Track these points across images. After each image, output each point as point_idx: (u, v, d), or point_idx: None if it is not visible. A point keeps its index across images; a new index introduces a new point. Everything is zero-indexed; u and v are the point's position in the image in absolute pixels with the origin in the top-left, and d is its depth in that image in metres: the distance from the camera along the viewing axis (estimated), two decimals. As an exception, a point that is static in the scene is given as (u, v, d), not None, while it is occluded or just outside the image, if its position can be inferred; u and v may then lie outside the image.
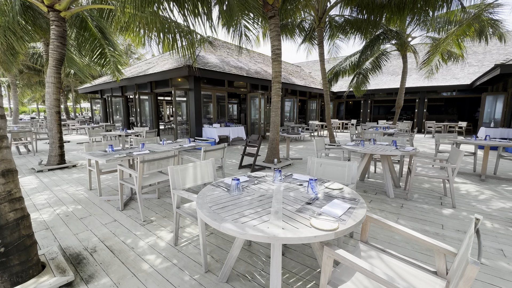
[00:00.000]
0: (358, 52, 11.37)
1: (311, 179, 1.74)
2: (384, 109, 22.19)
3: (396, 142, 4.25)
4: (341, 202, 1.52)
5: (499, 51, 14.27)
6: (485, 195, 3.86)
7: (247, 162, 6.15)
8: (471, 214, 3.14)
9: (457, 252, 1.25)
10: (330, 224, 1.24)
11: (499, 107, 11.09)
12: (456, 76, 13.80)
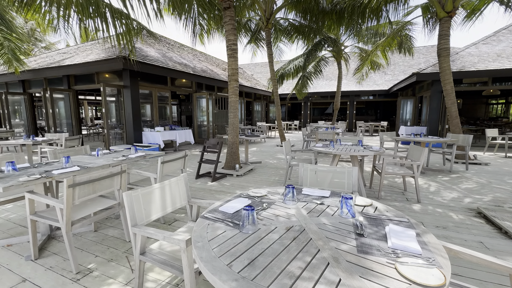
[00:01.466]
0: (300, 56, 11.88)
1: (345, 197, 1.33)
2: (319, 110, 24.28)
3: (362, 141, 4.34)
4: (400, 228, 1.15)
5: (404, 63, 17.36)
6: (433, 187, 4.29)
7: (204, 170, 5.41)
8: (436, 208, 3.34)
9: (546, 277, 1.02)
10: (430, 274, 0.83)
11: (410, 109, 13.37)
12: (376, 82, 16.08)
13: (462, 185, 4.36)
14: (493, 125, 12.99)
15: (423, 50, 17.83)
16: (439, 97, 9.16)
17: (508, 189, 4.14)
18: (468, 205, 3.44)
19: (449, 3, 6.33)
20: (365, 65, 11.04)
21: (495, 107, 20.31)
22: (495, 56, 8.81)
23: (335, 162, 4.03)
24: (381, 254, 0.97)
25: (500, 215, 2.92)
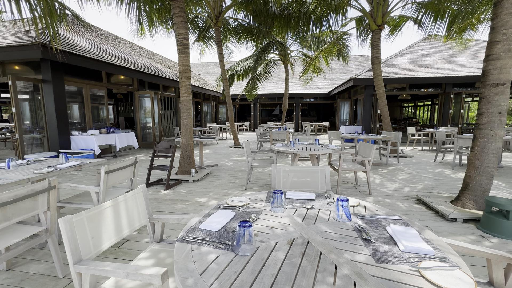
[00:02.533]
0: (250, 57, 11.96)
1: (341, 199, 1.24)
2: (267, 112, 25.05)
3: (318, 140, 4.52)
4: (401, 228, 1.12)
5: (340, 70, 19.36)
6: (378, 179, 4.77)
7: (155, 178, 4.81)
8: (385, 198, 3.69)
9: (518, 258, 1.13)
10: (457, 278, 0.79)
11: (347, 110, 14.94)
12: (318, 86, 17.47)
13: (399, 176, 4.98)
14: (408, 124, 15.61)
15: (354, 59, 20.23)
16: (371, 100, 10.46)
17: (432, 177, 4.92)
18: (408, 194, 3.91)
19: (379, 17, 7.24)
20: (309, 69, 11.82)
21: (407, 109, 24.58)
22: (410, 67, 10.56)
23: (295, 161, 4.07)
24: (399, 261, 0.89)
25: (434, 200, 3.40)
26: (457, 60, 10.73)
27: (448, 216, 2.95)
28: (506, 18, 2.90)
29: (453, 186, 4.29)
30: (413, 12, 7.63)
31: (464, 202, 3.17)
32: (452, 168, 5.71)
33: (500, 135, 3.04)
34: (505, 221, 2.52)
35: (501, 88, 2.97)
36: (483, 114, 3.11)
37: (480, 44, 12.02)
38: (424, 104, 21.37)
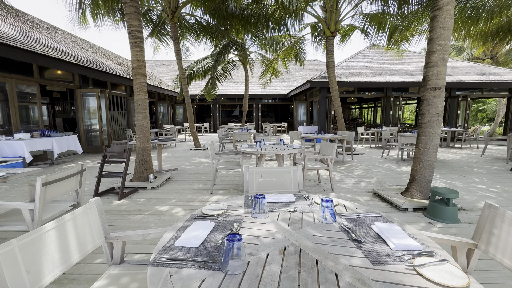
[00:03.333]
0: (209, 57, 11.63)
1: (326, 200, 1.21)
2: (226, 113, 24.80)
3: (283, 140, 4.57)
4: (385, 225, 1.13)
5: (296, 73, 20.27)
6: (337, 176, 5.06)
7: (105, 186, 4.24)
8: (347, 194, 3.92)
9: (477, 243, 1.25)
10: (450, 273, 0.80)
11: (304, 111, 15.69)
12: (276, 88, 17.98)
13: (355, 172, 5.37)
14: (356, 124, 17.17)
15: (309, 63, 21.42)
16: (326, 101, 11.17)
17: (382, 171, 5.43)
18: (365, 188, 4.23)
19: (332, 25, 7.75)
20: (269, 71, 12.05)
21: (354, 111, 27.09)
22: (358, 72, 11.61)
23: (261, 162, 4.04)
24: (394, 260, 0.88)
25: (388, 193, 3.73)
26: (395, 68, 12.20)
27: (401, 207, 3.25)
28: (441, 31, 3.34)
29: (400, 179, 4.79)
30: (361, 23, 8.38)
31: (412, 193, 3.54)
32: (396, 162, 6.41)
33: (438, 133, 3.48)
34: (446, 208, 2.88)
35: (438, 92, 3.41)
36: (425, 114, 3.53)
37: (411, 54, 13.89)
38: (368, 106, 23.83)
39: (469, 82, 10.64)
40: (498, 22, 7.03)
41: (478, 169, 5.62)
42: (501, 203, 3.51)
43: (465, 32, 7.30)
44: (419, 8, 6.57)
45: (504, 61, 16.88)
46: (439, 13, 3.32)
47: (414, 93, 11.96)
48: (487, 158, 7.01)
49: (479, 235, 1.27)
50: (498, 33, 8.14)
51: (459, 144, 10.15)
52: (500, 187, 4.28)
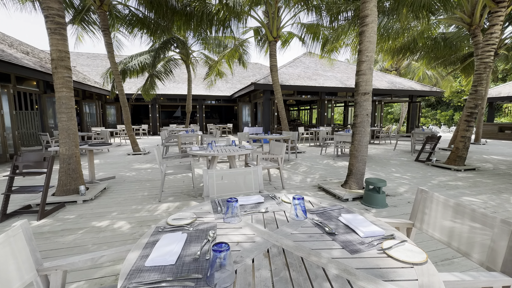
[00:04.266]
0: (146, 53, 10.68)
1: (297, 198, 1.25)
2: (166, 114, 23.26)
3: (235, 142, 4.54)
4: (350, 216, 1.24)
5: (239, 75, 20.55)
6: (285, 174, 5.34)
7: (17, 205, 3.39)
8: (296, 190, 4.17)
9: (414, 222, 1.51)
10: (410, 251, 0.94)
11: (248, 112, 16.03)
12: (220, 89, 17.83)
13: (300, 169, 5.77)
14: (296, 124, 18.52)
15: (251, 66, 22.00)
16: (269, 103, 11.67)
17: (323, 167, 6.00)
18: (311, 183, 4.59)
19: (274, 30, 8.16)
20: (213, 72, 11.85)
21: (293, 112, 29.22)
22: (296, 76, 12.55)
23: (214, 164, 3.93)
24: (366, 247, 0.97)
25: (331, 186, 4.14)
26: (327, 74, 13.69)
27: (343, 198, 3.66)
28: (368, 45, 3.90)
29: (338, 173, 5.38)
30: (299, 31, 9.08)
31: (350, 185, 4.03)
32: (333, 158, 7.19)
33: (368, 131, 4.06)
34: (378, 195, 3.38)
35: (367, 96, 3.97)
36: (358, 115, 4.06)
37: (339, 63, 15.83)
38: (305, 108, 26.03)
39: (383, 89, 12.79)
40: (401, 41, 8.65)
41: (393, 161, 6.81)
42: (412, 187, 4.33)
43: (379, 48, 8.73)
44: (346, 23, 7.53)
45: (405, 72, 20.97)
46: (366, 29, 3.88)
47: (342, 97, 13.66)
48: (398, 152, 8.56)
49: (415, 216, 1.52)
50: (401, 50, 10.05)
51: (377, 141, 12.08)
52: (410, 174, 5.28)
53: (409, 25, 7.32)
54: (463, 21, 7.18)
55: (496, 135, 13.85)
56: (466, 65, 10.98)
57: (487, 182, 4.65)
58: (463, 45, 9.68)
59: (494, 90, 15.16)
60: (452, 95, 23.75)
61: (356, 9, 6.69)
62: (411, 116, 14.75)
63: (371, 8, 3.83)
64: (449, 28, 10.53)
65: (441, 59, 10.91)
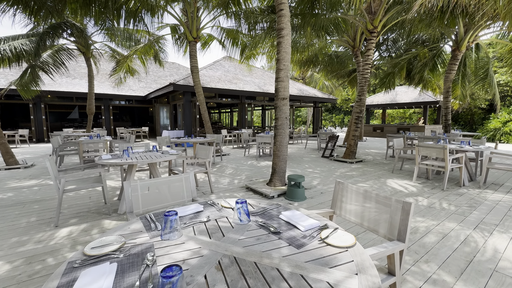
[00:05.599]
0: (25, 36, 8.27)
1: (240, 202, 1.24)
2: (57, 115, 18.79)
3: (156, 147, 4.08)
4: (289, 213, 1.32)
5: (155, 74, 18.85)
6: (213, 178, 5.25)
7: None
8: (225, 193, 4.16)
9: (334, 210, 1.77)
10: (343, 236, 1.08)
11: (166, 115, 14.92)
12: (132, 88, 15.83)
13: (227, 172, 5.80)
14: (217, 127, 18.56)
15: (168, 65, 20.57)
16: (190, 105, 11.22)
17: (248, 168, 6.24)
18: (238, 185, 4.68)
19: (194, 31, 7.92)
20: (123, 68, 10.39)
21: (214, 115, 29.20)
22: (217, 79, 12.59)
23: (132, 173, 3.44)
24: (308, 239, 1.06)
25: (258, 186, 4.35)
26: (246, 79, 14.37)
27: (269, 195, 3.90)
28: (284, 55, 4.32)
29: (262, 173, 5.72)
30: (219, 35, 9.14)
31: (274, 183, 4.35)
32: (256, 159, 7.59)
33: (287, 133, 4.49)
34: (298, 190, 3.79)
35: (285, 101, 4.40)
36: (278, 118, 4.43)
37: (257, 69, 16.90)
38: (225, 111, 26.45)
39: (294, 95, 14.47)
40: (307, 54, 10.04)
41: (306, 158, 7.80)
42: (323, 179, 5.08)
43: (290, 59, 9.86)
44: (263, 33, 8.13)
45: (309, 82, 24.49)
46: (282, 40, 4.29)
47: (260, 101, 14.63)
48: (309, 150, 9.88)
49: (335, 204, 1.78)
50: (307, 62, 11.68)
51: (291, 141, 13.56)
52: (320, 169, 6.18)
53: (312, 41, 8.57)
54: (348, 44, 9.01)
55: (372, 134, 18.06)
56: (351, 78, 13.81)
57: (370, 170, 5.98)
58: (349, 62, 12.13)
59: (369, 99, 19.72)
60: (343, 102, 29.40)
61: (271, 21, 7.30)
62: (315, 119, 17.33)
63: (286, 22, 4.27)
64: (339, 48, 12.98)
65: (334, 72, 13.31)
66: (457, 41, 8.68)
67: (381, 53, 12.26)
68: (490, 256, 2.26)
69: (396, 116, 26.06)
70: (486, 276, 1.97)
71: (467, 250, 2.35)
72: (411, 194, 4.13)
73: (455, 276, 1.96)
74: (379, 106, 19.61)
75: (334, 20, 7.11)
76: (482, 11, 4.86)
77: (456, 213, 3.29)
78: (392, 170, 5.97)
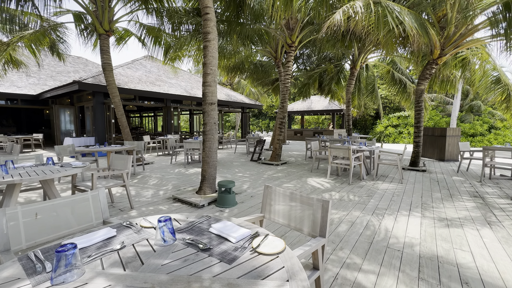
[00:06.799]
0: None
1: (164, 220, 1.09)
2: None
3: (52, 159, 3.23)
4: (220, 224, 1.25)
5: (51, 68, 15.38)
6: (132, 191, 4.62)
7: None
8: (149, 207, 3.71)
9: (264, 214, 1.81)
10: (273, 242, 1.09)
11: (70, 119, 12.40)
12: (17, 84, 12.42)
13: (150, 183, 5.22)
14: (138, 133, 16.72)
15: (71, 59, 17.20)
16: (103, 108, 9.66)
17: (175, 177, 5.81)
18: (165, 196, 4.28)
19: (106, 23, 6.89)
20: (2, 58, 7.98)
21: (134, 119, 26.23)
22: (137, 80, 11.34)
23: (14, 197, 2.63)
24: (240, 251, 1.01)
25: (186, 195, 4.08)
26: (172, 81, 13.51)
27: (199, 204, 3.71)
28: (211, 59, 4.25)
29: (191, 181, 5.43)
30: (138, 31, 8.26)
31: (205, 190, 4.18)
32: (184, 166, 7.17)
33: (216, 138, 4.41)
34: (229, 195, 3.75)
35: (214, 106, 4.32)
36: (207, 124, 4.31)
37: (183, 72, 16.15)
38: (148, 115, 24.16)
39: (222, 100, 14.51)
40: (234, 61, 10.26)
41: (236, 163, 7.90)
42: (252, 183, 5.22)
43: (217, 64, 9.87)
44: (188, 35, 7.83)
45: (236, 87, 25.14)
46: (209, 44, 4.22)
47: (187, 105, 14.02)
48: (238, 154, 10.05)
49: (264, 209, 1.82)
50: (234, 69, 11.95)
51: (221, 146, 13.51)
52: (249, 172, 6.35)
53: (238, 49, 8.82)
54: (271, 55, 9.73)
55: (293, 137, 20.00)
56: (274, 86, 14.95)
57: (294, 171, 6.56)
58: (272, 72, 13.11)
59: (290, 106, 21.80)
60: (268, 108, 31.50)
61: (197, 24, 7.11)
62: (244, 124, 17.87)
63: (212, 27, 4.21)
64: (264, 58, 13.89)
65: (260, 80, 14.12)
66: (354, 61, 10.65)
67: (298, 66, 13.79)
68: (384, 235, 2.79)
69: (312, 122, 29.79)
70: (382, 253, 2.41)
71: (368, 233, 2.84)
72: (327, 190, 4.73)
73: (362, 257, 2.32)
74: (298, 112, 21.96)
75: (258, 31, 7.52)
76: (369, 39, 6.12)
77: (359, 202, 3.95)
78: (311, 170, 6.72)
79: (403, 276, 2.03)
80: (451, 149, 8.63)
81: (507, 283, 1.95)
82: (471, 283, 1.95)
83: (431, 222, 3.20)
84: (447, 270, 2.13)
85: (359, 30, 4.78)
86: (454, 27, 5.94)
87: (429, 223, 3.16)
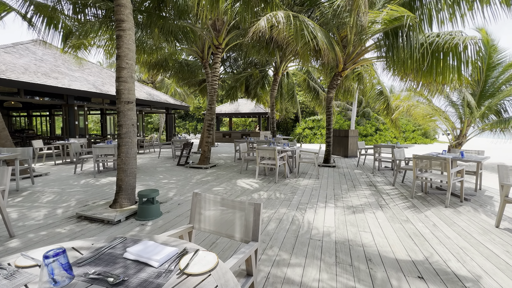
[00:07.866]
0: None
1: (54, 254, 0.81)
2: None
3: None
4: (139, 246, 1.04)
5: None
6: (14, 213, 3.53)
7: None
8: (40, 232, 2.89)
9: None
10: (204, 258, 0.98)
11: None
12: None
13: (43, 200, 4.12)
14: (26, 137, 13.18)
15: None
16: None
17: (81, 189, 4.79)
18: (65, 215, 3.45)
19: (-35, -13, 5.07)
20: None
21: (18, 119, 20.54)
22: (23, 70, 8.87)
23: None
24: (164, 278, 0.86)
25: (96, 211, 3.40)
26: (75, 75, 11.21)
27: (114, 220, 3.16)
28: (127, 52, 3.71)
29: (103, 193, 4.59)
30: (21, 6, 6.45)
31: (121, 203, 3.59)
32: (94, 176, 6.03)
33: (135, 142, 3.88)
34: (152, 206, 3.34)
35: (131, 105, 3.78)
36: (122, 125, 3.73)
37: (92, 65, 13.69)
38: (41, 115, 19.41)
39: (143, 99, 13.07)
40: (156, 57, 9.40)
41: (160, 168, 7.22)
42: (179, 189, 4.86)
43: (136, 59, 8.81)
44: (96, 21, 6.65)
45: (160, 87, 23.19)
46: (124, 34, 3.67)
47: (98, 104, 11.96)
48: (162, 159, 9.24)
49: (193, 218, 1.67)
50: (156, 66, 10.97)
51: (142, 150, 12.13)
52: (176, 178, 5.90)
53: (161, 45, 8.13)
54: (198, 54, 9.40)
55: (222, 139, 19.98)
56: (202, 87, 14.55)
57: (223, 174, 6.50)
58: (199, 72, 12.71)
59: (218, 108, 21.70)
60: (195, 110, 30.42)
61: (108, 10, 6.13)
62: (168, 126, 16.64)
63: (127, 14, 3.69)
64: (190, 57, 13.30)
65: (186, 80, 13.45)
66: (276, 68, 11.50)
67: (225, 68, 13.87)
68: (307, 228, 3.06)
69: (240, 124, 30.57)
70: (306, 245, 2.62)
71: (294, 228, 3.05)
72: (256, 190, 4.88)
73: (290, 253, 2.46)
74: (227, 114, 22.11)
75: (183, 28, 7.11)
76: (289, 49, 6.72)
77: (285, 200, 4.23)
78: (240, 171, 6.81)
79: (323, 264, 2.25)
80: (352, 147, 10.45)
81: (396, 254, 2.44)
82: (373, 259, 2.35)
83: (342, 210, 3.72)
84: (356, 251, 2.49)
85: (281, 39, 5.16)
86: (352, 46, 7.21)
87: (340, 211, 3.67)
